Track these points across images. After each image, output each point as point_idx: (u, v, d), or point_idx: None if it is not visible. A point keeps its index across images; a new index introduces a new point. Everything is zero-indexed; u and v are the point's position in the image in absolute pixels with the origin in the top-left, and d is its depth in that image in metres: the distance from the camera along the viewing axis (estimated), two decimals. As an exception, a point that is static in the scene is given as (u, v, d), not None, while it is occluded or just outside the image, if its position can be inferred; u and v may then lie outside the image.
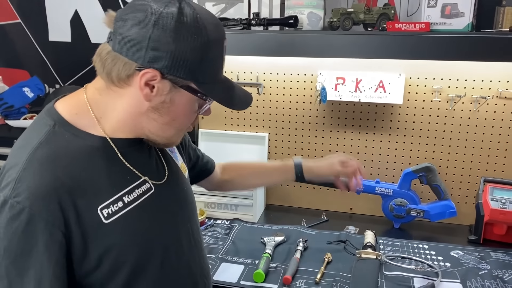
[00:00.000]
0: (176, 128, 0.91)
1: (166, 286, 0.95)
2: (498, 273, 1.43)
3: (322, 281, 1.37)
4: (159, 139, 0.91)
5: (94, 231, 0.82)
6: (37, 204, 0.76)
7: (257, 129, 1.97)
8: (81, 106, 0.87)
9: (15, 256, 0.76)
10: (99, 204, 0.83)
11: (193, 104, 0.87)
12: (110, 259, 0.84)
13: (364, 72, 1.74)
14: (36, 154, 0.80)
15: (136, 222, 0.88)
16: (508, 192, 1.64)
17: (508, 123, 1.70)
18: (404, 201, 1.72)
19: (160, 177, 0.96)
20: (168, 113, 0.86)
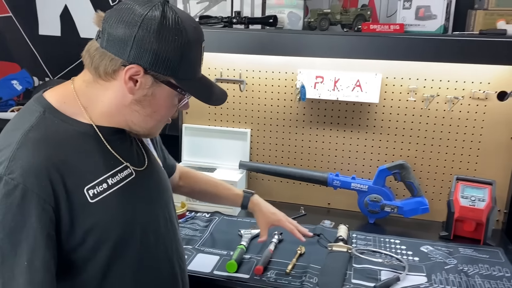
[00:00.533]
0: (157, 120, 0.99)
1: (144, 265, 1.01)
2: (463, 267, 1.48)
3: (293, 272, 1.42)
4: (141, 129, 0.99)
5: (80, 209, 0.89)
6: (31, 181, 0.83)
7: (240, 125, 2.02)
8: (69, 96, 0.94)
9: (9, 230, 0.82)
10: (86, 185, 0.90)
11: (172, 98, 0.96)
12: (93, 237, 0.91)
13: (342, 71, 1.79)
14: (29, 135, 0.87)
15: (118, 203, 0.95)
16: (478, 190, 1.69)
17: (480, 123, 1.75)
18: (378, 197, 1.77)
19: (140, 164, 1.03)
20: (149, 106, 0.94)
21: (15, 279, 0.82)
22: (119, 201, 0.95)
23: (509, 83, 1.69)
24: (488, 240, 1.66)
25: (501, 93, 1.71)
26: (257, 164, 1.98)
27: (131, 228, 0.98)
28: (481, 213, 1.63)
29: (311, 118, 1.92)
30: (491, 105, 1.73)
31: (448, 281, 1.39)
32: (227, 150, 2.03)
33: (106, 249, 0.93)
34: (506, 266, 1.50)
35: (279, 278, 1.39)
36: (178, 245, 1.14)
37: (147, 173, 1.04)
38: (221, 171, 2.00)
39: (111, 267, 0.95)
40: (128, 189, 0.97)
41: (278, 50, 1.65)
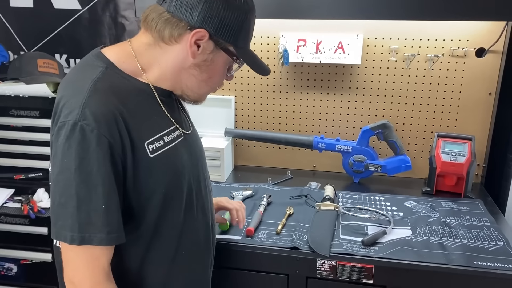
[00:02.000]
0: (210, 86, 1.05)
1: (188, 223, 1.06)
2: (446, 219, 1.54)
3: (283, 231, 1.46)
4: (192, 94, 1.04)
5: (142, 163, 0.93)
6: (103, 127, 0.86)
7: (224, 92, 2.01)
8: (128, 56, 0.98)
9: (86, 174, 0.85)
10: (146, 139, 0.94)
11: (227, 65, 1.02)
12: (149, 190, 0.96)
13: (324, 33, 1.79)
14: (97, 85, 0.90)
15: (172, 160, 1.00)
16: (458, 145, 1.74)
17: (460, 80, 1.79)
18: (362, 157, 1.81)
19: (186, 128, 1.09)
20: (206, 71, 1.00)
21: (91, 224, 0.86)
22: (173, 158, 1.00)
23: (487, 39, 1.72)
24: (468, 193, 1.73)
25: (479, 49, 1.74)
26: (243, 130, 2.00)
27: (180, 184, 1.02)
28: (462, 167, 1.69)
29: (294, 83, 1.93)
30: (470, 62, 1.77)
31: (432, 233, 1.45)
32: (212, 118, 2.03)
33: (157, 202, 0.97)
34: (486, 216, 1.57)
35: (270, 238, 1.42)
36: (212, 207, 1.21)
37: (191, 137, 1.11)
38: (207, 139, 2.01)
39: (160, 223, 0.99)
40: (179, 148, 1.02)
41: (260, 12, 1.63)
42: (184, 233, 1.05)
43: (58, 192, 0.87)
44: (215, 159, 1.88)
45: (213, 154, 1.88)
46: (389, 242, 1.40)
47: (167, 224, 1.01)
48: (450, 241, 1.40)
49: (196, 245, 1.11)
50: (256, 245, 1.39)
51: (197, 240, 1.11)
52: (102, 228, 0.86)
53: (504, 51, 1.72)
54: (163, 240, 1.02)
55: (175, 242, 1.04)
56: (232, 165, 2.05)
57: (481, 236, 1.43)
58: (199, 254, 1.13)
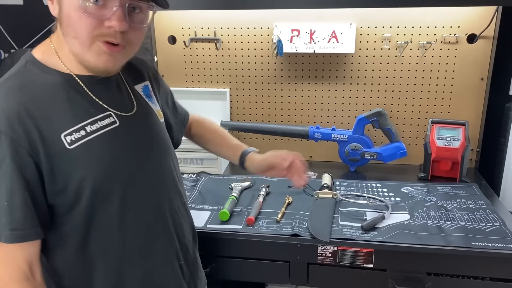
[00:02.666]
0: (77, 38, 0.88)
1: (130, 216, 0.99)
2: (443, 203, 1.57)
3: (283, 220, 1.48)
4: (83, 62, 0.92)
5: (59, 155, 0.89)
6: (3, 124, 0.84)
7: (218, 85, 2.01)
8: (50, 50, 0.95)
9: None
10: (62, 131, 0.90)
11: (78, 5, 0.85)
12: (74, 184, 0.91)
13: (317, 23, 1.80)
14: (5, 84, 0.90)
15: (98, 150, 0.93)
16: (452, 130, 1.77)
17: (452, 66, 1.81)
18: (358, 146, 1.83)
19: (127, 111, 1.01)
20: (65, 23, 0.88)
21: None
22: (99, 148, 0.93)
23: (477, 25, 1.75)
24: (463, 177, 1.75)
25: (471, 35, 1.77)
26: (239, 123, 2.00)
27: (112, 177, 0.96)
28: (456, 152, 1.71)
29: (289, 73, 1.94)
30: (462, 48, 1.79)
31: (430, 216, 1.47)
32: (207, 111, 2.02)
33: (87, 196, 0.92)
34: (481, 199, 1.60)
35: (270, 226, 1.44)
36: (173, 198, 1.10)
37: (134, 120, 1.02)
38: (202, 132, 2.01)
39: (93, 217, 0.95)
40: (110, 136, 0.96)
41: (254, 4, 1.64)
42: (127, 227, 0.99)
43: None
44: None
45: (209, 147, 1.88)
46: (388, 226, 1.41)
47: (102, 218, 0.96)
48: (448, 224, 1.42)
49: (148, 239, 1.04)
50: (257, 233, 1.40)
51: (149, 234, 1.04)
52: (6, 226, 0.85)
53: (495, 36, 1.74)
54: (102, 235, 0.97)
55: (117, 237, 0.98)
56: (228, 158, 2.06)
57: (477, 218, 1.46)
58: (156, 249, 1.05)
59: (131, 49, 0.96)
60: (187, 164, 1.90)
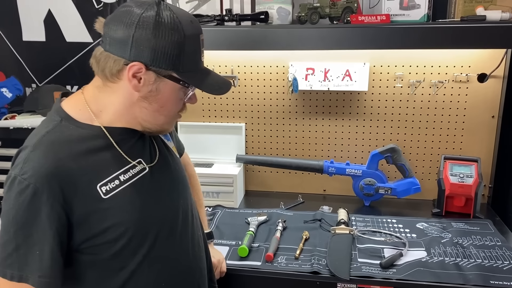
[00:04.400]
0: (165, 115, 1.02)
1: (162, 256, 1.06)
2: (458, 240, 1.58)
3: (302, 256, 1.49)
4: (152, 126, 1.04)
5: (95, 205, 0.95)
6: (40, 181, 0.90)
7: (234, 120, 2.07)
8: (82, 104, 1.01)
9: (21, 224, 0.90)
10: (98, 182, 0.96)
11: (177, 91, 0.99)
12: (111, 231, 0.97)
13: (331, 62, 1.86)
14: (43, 139, 0.94)
15: (131, 197, 1.00)
16: (465, 167, 1.80)
17: (463, 104, 1.86)
18: (372, 181, 1.86)
19: (152, 159, 1.08)
20: (156, 101, 0.99)
21: (28, 266, 0.90)
22: (132, 195, 1.00)
23: (488, 65, 1.80)
24: (477, 213, 1.77)
25: (481, 75, 1.82)
26: (254, 157, 2.04)
27: (147, 221, 1.02)
28: (470, 188, 1.74)
29: (303, 109, 1.99)
30: (473, 87, 1.84)
31: (447, 253, 1.49)
32: (223, 145, 2.08)
33: (123, 240, 0.98)
34: (496, 235, 1.62)
35: (289, 263, 1.45)
36: (195, 235, 1.18)
37: (159, 167, 1.09)
38: (218, 165, 2.05)
39: (130, 258, 1.00)
40: (141, 183, 1.02)
41: (271, 45, 1.70)
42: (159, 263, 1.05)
43: (1, 236, 0.92)
44: (228, 185, 1.92)
45: (226, 181, 1.92)
46: (406, 263, 1.43)
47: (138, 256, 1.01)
48: (465, 261, 1.44)
49: (177, 272, 1.10)
50: (277, 270, 1.42)
51: (177, 268, 1.11)
52: (35, 272, 0.90)
53: (505, 76, 1.80)
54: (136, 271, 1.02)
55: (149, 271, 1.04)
56: (243, 191, 2.09)
57: (494, 256, 1.47)
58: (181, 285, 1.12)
59: None
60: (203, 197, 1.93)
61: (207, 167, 2.02)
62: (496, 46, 1.65)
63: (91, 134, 0.98)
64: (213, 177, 1.93)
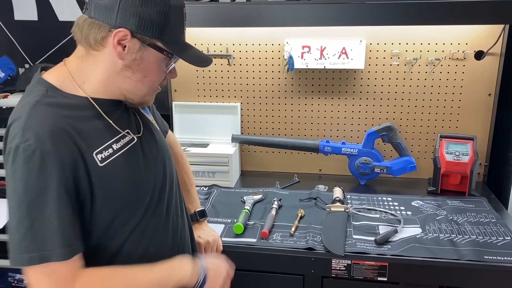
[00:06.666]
0: (148, 85, 1.02)
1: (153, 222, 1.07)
2: (453, 217, 1.59)
3: (297, 233, 1.50)
4: (135, 97, 1.03)
5: (94, 173, 0.94)
6: (47, 144, 0.87)
7: (230, 99, 2.05)
8: (65, 76, 0.98)
9: (36, 193, 0.86)
10: (94, 150, 0.95)
11: (160, 62, 0.99)
12: (110, 199, 0.96)
13: (328, 40, 1.84)
14: (36, 107, 0.91)
15: (125, 166, 1.00)
16: (461, 145, 1.80)
17: (460, 82, 1.85)
18: (368, 159, 1.86)
19: (138, 131, 1.08)
20: (139, 70, 0.98)
21: (47, 241, 0.86)
22: (125, 164, 1.00)
23: (485, 42, 1.79)
24: (472, 191, 1.78)
25: (478, 52, 1.80)
26: (249, 136, 2.03)
27: (140, 189, 1.03)
28: (466, 166, 1.74)
29: (299, 88, 1.98)
30: (469, 64, 1.83)
31: (441, 230, 1.50)
32: (218, 125, 2.07)
33: (118, 208, 0.99)
34: (491, 212, 1.62)
35: (284, 239, 1.46)
36: (181, 208, 1.21)
37: (145, 138, 1.09)
38: (214, 145, 2.04)
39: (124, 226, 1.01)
40: (132, 153, 1.03)
41: (266, 22, 1.68)
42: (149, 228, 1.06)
43: (12, 219, 0.88)
44: (223, 165, 1.91)
45: (221, 160, 1.91)
46: (401, 240, 1.44)
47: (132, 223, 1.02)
48: (459, 238, 1.44)
49: (165, 233, 1.11)
50: (272, 247, 1.43)
51: (163, 237, 1.11)
52: (58, 243, 0.87)
53: (502, 53, 1.78)
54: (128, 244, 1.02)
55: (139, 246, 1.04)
56: (239, 171, 2.09)
57: (488, 232, 1.48)
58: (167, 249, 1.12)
59: None
60: (199, 177, 1.93)
61: (203, 147, 2.01)
62: (494, 21, 1.63)
63: (79, 104, 0.96)
64: (209, 157, 1.92)
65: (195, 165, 1.89)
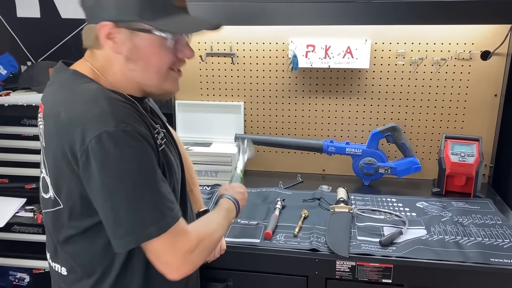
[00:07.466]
0: (155, 72, 0.98)
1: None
2: (458, 218, 1.57)
3: (300, 234, 1.48)
4: (152, 89, 1.01)
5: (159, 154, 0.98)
6: (137, 125, 0.90)
7: (233, 98, 2.03)
8: (94, 72, 0.98)
9: (148, 168, 0.90)
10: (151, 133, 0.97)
11: (156, 43, 0.95)
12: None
13: (332, 39, 1.83)
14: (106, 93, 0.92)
15: (166, 154, 1.03)
16: (466, 146, 1.78)
17: (466, 82, 1.83)
18: (372, 160, 1.84)
19: (161, 127, 1.10)
20: (140, 59, 0.96)
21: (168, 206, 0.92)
22: (166, 154, 1.03)
23: (491, 42, 1.77)
24: (477, 192, 1.76)
25: (485, 52, 1.79)
26: (253, 136, 2.02)
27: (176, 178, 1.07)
28: (471, 167, 1.72)
29: (303, 87, 1.96)
30: (475, 64, 1.81)
31: (447, 232, 1.48)
32: (221, 124, 2.05)
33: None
34: (497, 214, 1.61)
35: (288, 240, 1.44)
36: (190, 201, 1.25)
37: (168, 135, 1.11)
38: (217, 145, 2.03)
39: None
40: (167, 146, 1.05)
41: (270, 20, 1.67)
42: None
43: (122, 201, 0.87)
44: (226, 164, 1.90)
45: (224, 160, 1.90)
46: (406, 241, 1.42)
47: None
48: (465, 240, 1.43)
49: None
50: (275, 247, 1.41)
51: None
52: (172, 207, 0.93)
53: (509, 53, 1.76)
54: None
55: None
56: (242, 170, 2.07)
57: (494, 234, 1.46)
58: None
59: None
60: (201, 176, 1.91)
61: (206, 146, 2.00)
62: (501, 21, 1.62)
63: (121, 98, 0.95)
64: (212, 156, 1.91)
65: (198, 164, 1.88)
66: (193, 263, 0.97)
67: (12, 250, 1.89)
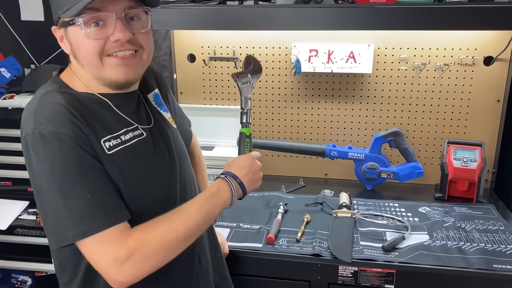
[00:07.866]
0: (90, 62, 0.95)
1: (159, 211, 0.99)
2: (461, 224, 1.57)
3: (303, 239, 1.48)
4: (103, 81, 0.99)
5: (103, 159, 0.94)
6: (59, 126, 0.89)
7: (236, 102, 2.04)
8: (70, 74, 1.01)
9: (62, 173, 0.87)
10: (101, 138, 0.95)
11: (77, 33, 0.93)
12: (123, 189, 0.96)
13: (335, 44, 1.83)
14: (45, 96, 0.94)
15: (132, 157, 0.99)
16: (469, 151, 1.78)
17: (469, 88, 1.83)
18: (375, 164, 1.84)
19: (147, 124, 1.07)
20: (77, 54, 0.96)
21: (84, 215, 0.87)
22: (133, 155, 0.99)
23: (494, 48, 1.77)
24: (480, 198, 1.76)
25: (488, 58, 1.79)
26: (255, 140, 2.01)
27: (143, 183, 1.01)
28: (474, 173, 1.72)
29: (306, 92, 1.97)
30: (478, 70, 1.81)
31: (449, 237, 1.48)
32: (224, 128, 2.05)
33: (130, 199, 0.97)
34: (499, 220, 1.61)
35: (291, 245, 1.44)
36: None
37: (154, 134, 1.07)
38: (219, 148, 2.03)
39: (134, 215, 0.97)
40: (139, 146, 1.01)
41: (273, 25, 1.66)
42: None
43: (45, 204, 0.89)
44: (229, 168, 1.90)
45: (226, 164, 1.90)
46: (409, 247, 1.42)
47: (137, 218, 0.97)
48: (467, 245, 1.43)
49: None
50: (278, 252, 1.41)
51: None
52: (96, 214, 0.88)
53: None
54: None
55: None
56: (244, 174, 2.07)
57: (497, 240, 1.46)
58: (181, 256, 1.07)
59: (144, 52, 1.01)
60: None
61: (208, 150, 2.00)
62: (504, 27, 1.61)
63: (90, 98, 0.98)
64: (214, 160, 1.91)
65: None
66: (132, 273, 0.89)
67: (14, 253, 1.89)
